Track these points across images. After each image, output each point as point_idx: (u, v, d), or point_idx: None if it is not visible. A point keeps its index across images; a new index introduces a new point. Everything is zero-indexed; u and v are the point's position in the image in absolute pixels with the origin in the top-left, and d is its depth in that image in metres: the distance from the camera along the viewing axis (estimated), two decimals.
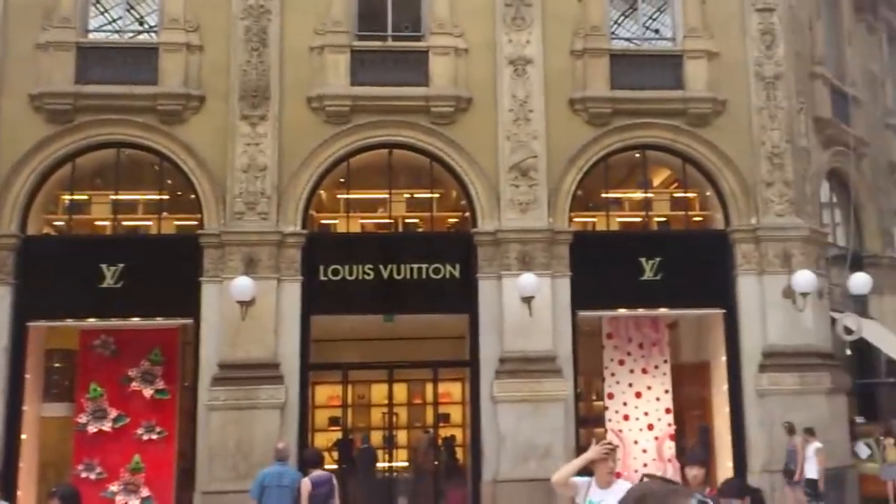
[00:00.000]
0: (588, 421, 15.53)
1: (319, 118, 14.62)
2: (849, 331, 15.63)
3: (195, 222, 14.44)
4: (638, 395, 15.21)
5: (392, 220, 15.82)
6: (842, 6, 18.98)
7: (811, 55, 17.24)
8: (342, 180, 15.33)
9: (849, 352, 16.02)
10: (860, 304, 17.78)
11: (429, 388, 15.69)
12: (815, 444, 13.59)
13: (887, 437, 15.88)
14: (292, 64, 14.67)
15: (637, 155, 16.07)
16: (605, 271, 14.73)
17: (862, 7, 19.94)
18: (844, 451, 15.29)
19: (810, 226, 15.54)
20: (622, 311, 15.25)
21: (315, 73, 14.73)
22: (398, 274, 14.47)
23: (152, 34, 15.30)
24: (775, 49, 15.83)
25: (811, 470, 13.53)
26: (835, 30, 18.89)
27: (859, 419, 16.89)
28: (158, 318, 14.16)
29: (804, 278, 14.53)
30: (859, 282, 16.43)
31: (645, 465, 14.69)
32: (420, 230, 15.96)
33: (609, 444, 5.95)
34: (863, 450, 16.05)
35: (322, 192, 15.34)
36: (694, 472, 6.07)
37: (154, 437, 13.86)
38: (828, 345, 15.51)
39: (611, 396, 15.25)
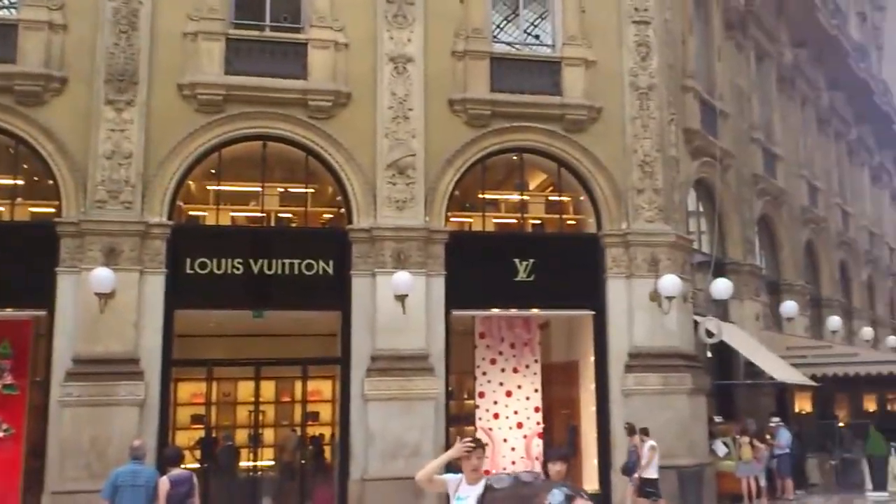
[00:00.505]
0: (459, 419, 15.64)
1: (191, 106, 14.19)
2: (710, 334, 16.32)
3: (52, 210, 13.78)
4: (508, 393, 15.44)
5: (264, 214, 15.50)
6: (713, 23, 19.81)
7: (683, 69, 17.92)
8: (213, 171, 14.94)
9: (709, 354, 16.72)
10: (721, 309, 18.63)
11: (298, 385, 15.46)
12: (649, 443, 13.69)
13: (743, 436, 16.65)
14: (163, 49, 14.18)
15: (514, 158, 16.32)
16: (479, 271, 14.88)
17: (732, 25, 20.89)
18: (703, 450, 15.91)
19: (677, 232, 16.11)
20: (495, 310, 15.45)
21: (188, 59, 14.29)
22: (269, 269, 14.20)
23: (12, 10, 14.56)
24: (650, 61, 16.35)
25: (651, 469, 13.58)
26: (706, 45, 19.72)
27: (718, 418, 17.63)
28: (8, 310, 13.44)
29: (670, 282, 15.06)
30: (721, 287, 17.23)
31: (513, 462, 14.91)
32: (293, 225, 15.73)
33: (470, 441, 6.00)
34: (720, 448, 16.75)
35: (191, 182, 14.91)
36: (557, 468, 6.17)
37: (0, 434, 13.14)
38: (690, 347, 16.13)
39: (482, 395, 15.42)
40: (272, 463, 16.18)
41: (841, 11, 29.30)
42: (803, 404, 22.57)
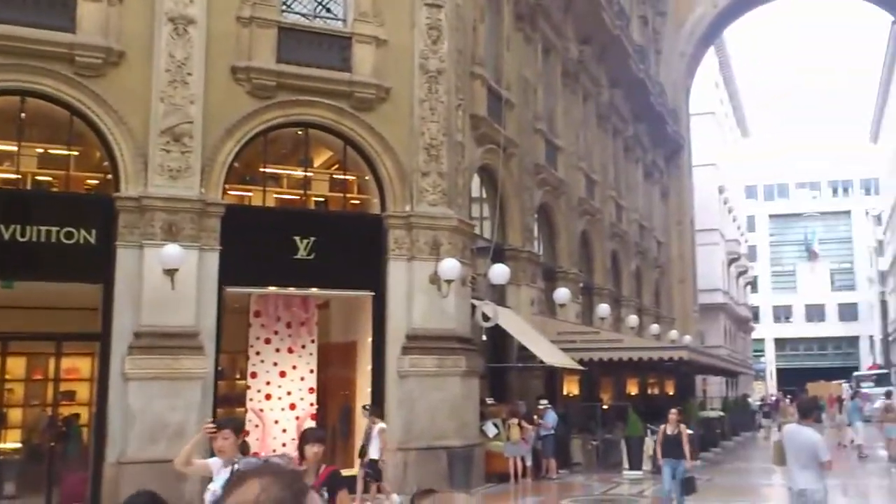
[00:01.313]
0: (229, 400, 15.38)
1: None
2: (486, 317, 17.00)
3: None
4: (282, 374, 15.34)
5: (20, 176, 14.40)
6: (504, 14, 20.53)
7: (473, 55, 18.46)
8: None
9: (485, 337, 17.42)
10: (499, 294, 19.43)
11: (52, 362, 14.54)
12: (380, 425, 13.61)
13: (512, 418, 17.48)
14: None
15: (300, 132, 16.18)
16: (257, 248, 14.65)
17: (522, 17, 21.73)
18: (474, 431, 16.57)
19: (460, 217, 16.61)
20: (272, 289, 15.28)
21: None
22: (23, 236, 13.23)
23: None
24: (440, 44, 16.70)
25: (374, 450, 13.45)
26: (496, 35, 20.40)
27: (490, 400, 18.44)
28: None
29: (450, 266, 15.51)
30: (499, 272, 17.95)
31: (284, 444, 14.84)
32: (53, 189, 14.74)
33: (210, 424, 6.10)
34: (490, 429, 17.52)
35: None
36: (315, 450, 6.21)
37: None
38: (467, 330, 16.71)
39: (254, 375, 15.22)
40: (19, 446, 15.16)
41: (625, 13, 31.22)
42: (571, 387, 24.02)
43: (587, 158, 26.94)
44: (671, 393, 34.48)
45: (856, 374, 65.54)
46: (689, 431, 22.27)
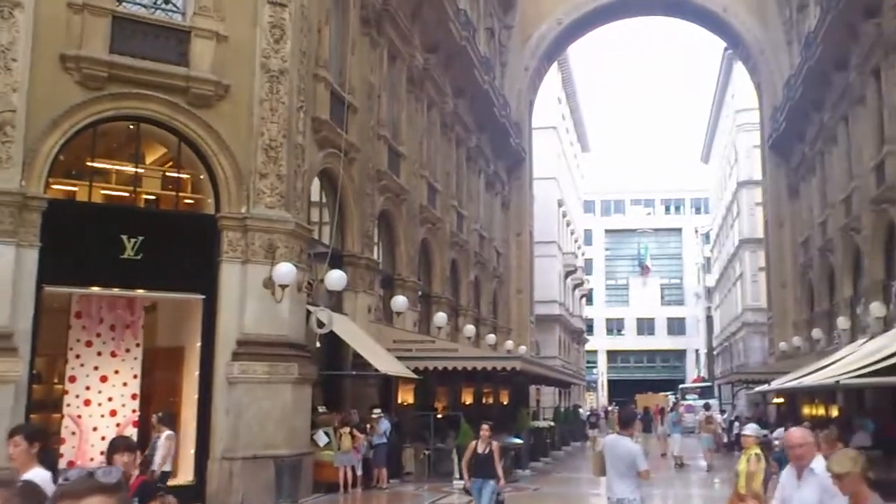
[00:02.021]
0: (45, 406, 14.85)
1: None
2: (321, 324, 17.17)
3: None
4: (104, 379, 14.98)
5: None
6: (350, 17, 20.78)
7: (317, 57, 18.62)
8: None
9: (319, 344, 17.60)
10: (336, 300, 19.65)
11: None
12: (166, 433, 12.61)
13: (344, 427, 17.74)
14: None
15: (131, 127, 15.87)
16: (81, 245, 14.30)
17: (368, 22, 22.07)
18: (304, 439, 16.70)
19: (297, 221, 16.71)
20: (96, 289, 14.91)
21: None
22: None
23: None
24: (283, 44, 16.77)
25: (158, 460, 12.27)
26: (341, 38, 20.64)
27: (322, 408, 18.61)
28: None
29: (285, 270, 15.60)
30: (335, 278, 18.17)
31: (102, 453, 14.48)
32: None
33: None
34: (322, 438, 17.69)
35: None
36: (124, 459, 6.21)
37: None
38: (301, 336, 16.83)
39: (73, 380, 14.79)
40: None
41: (471, 24, 32.14)
42: (406, 396, 24.50)
43: (430, 166, 27.57)
44: (505, 402, 35.66)
45: (681, 386, 69.61)
46: (519, 441, 23.52)
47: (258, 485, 14.94)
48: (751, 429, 10.53)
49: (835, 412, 29.73)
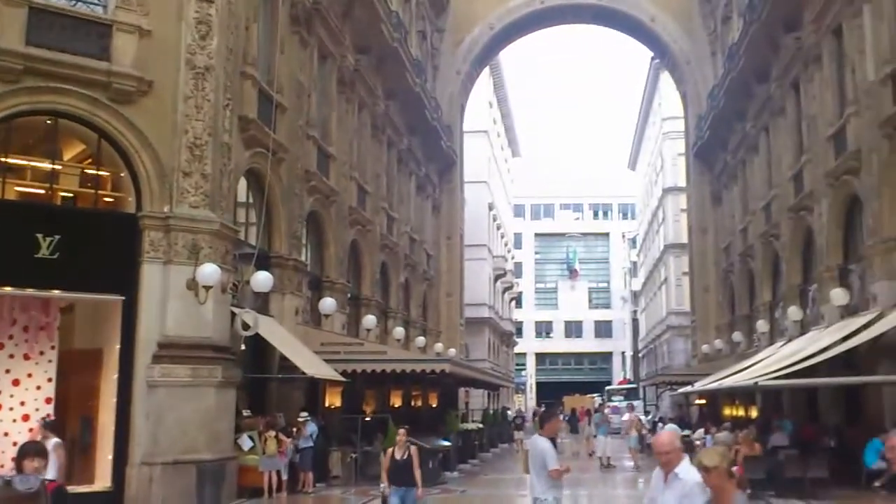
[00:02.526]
0: None
1: None
2: (246, 326, 16.75)
3: None
4: (16, 382, 14.35)
5: None
6: (279, 15, 20.32)
7: (244, 55, 18.19)
8: None
9: (244, 347, 17.17)
10: (262, 302, 19.22)
11: None
12: (54, 440, 11.63)
13: (268, 430, 17.33)
14: None
15: (49, 122, 15.26)
16: None
17: (298, 20, 21.67)
18: (228, 444, 16.25)
19: (223, 221, 16.26)
20: (8, 289, 14.25)
21: None
22: None
23: None
24: (210, 40, 16.34)
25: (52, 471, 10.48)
26: (270, 36, 20.21)
27: (246, 412, 18.16)
28: None
29: (209, 271, 15.19)
30: (262, 280, 17.78)
31: (13, 459, 13.85)
32: None
33: None
34: (246, 442, 17.26)
35: None
36: (34, 465, 5.98)
37: None
38: (225, 338, 16.38)
39: None
40: None
41: (403, 26, 31.92)
42: (334, 399, 24.13)
43: (360, 168, 27.25)
44: (435, 405, 35.53)
45: (608, 388, 70.39)
46: (447, 443, 23.38)
47: (179, 490, 14.48)
48: (669, 430, 10.50)
49: (754, 413, 30.32)
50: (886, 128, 18.07)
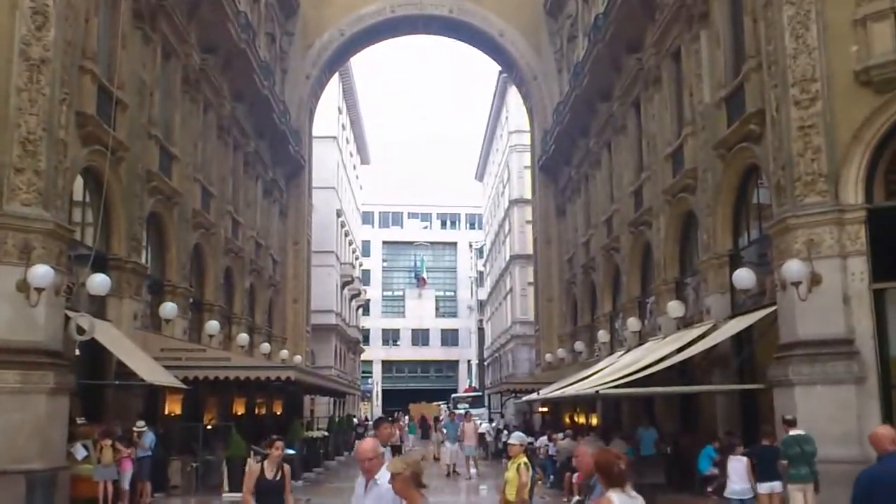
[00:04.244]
0: None
1: None
2: (81, 330, 16.18)
3: None
4: None
5: None
6: (121, 9, 19.76)
7: (83, 49, 17.63)
8: None
9: (78, 352, 16.59)
10: (99, 305, 18.62)
11: None
12: None
13: (105, 439, 16.79)
14: None
15: None
16: None
17: (141, 15, 21.13)
18: (60, 453, 15.67)
19: (57, 220, 15.71)
20: None
21: None
22: None
23: None
24: (46, 32, 15.80)
25: None
26: (111, 30, 19.61)
27: (81, 420, 17.54)
28: None
29: (41, 273, 14.67)
30: (98, 282, 17.24)
31: None
32: None
33: None
34: (80, 451, 16.67)
35: None
36: None
37: None
38: (58, 343, 15.80)
39: None
40: None
41: (251, 27, 31.54)
42: (174, 406, 23.60)
43: (205, 170, 26.75)
44: (279, 413, 35.20)
45: (454, 395, 71.56)
46: (292, 452, 23.26)
47: (7, 501, 13.85)
48: (516, 437, 10.93)
49: (594, 420, 31.61)
50: (720, 149, 19.09)
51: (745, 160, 18.33)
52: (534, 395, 29.03)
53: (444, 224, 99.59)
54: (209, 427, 23.90)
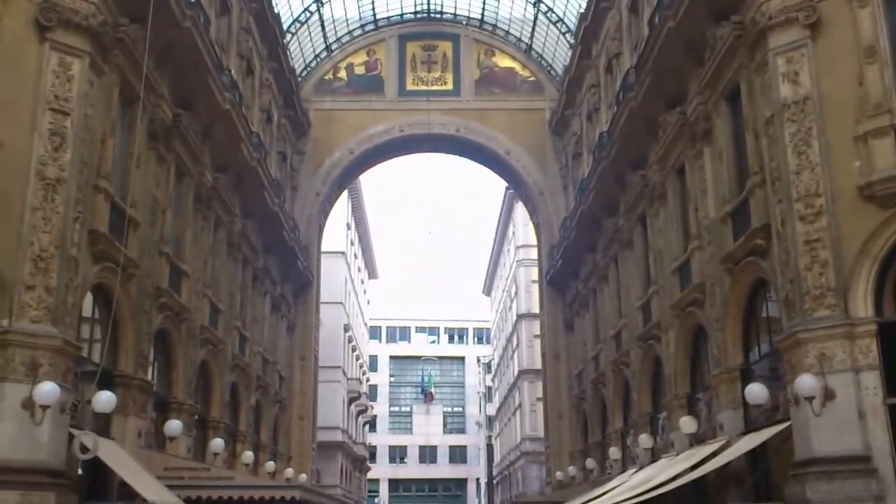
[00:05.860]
0: None
1: None
2: (85, 449, 15.94)
3: None
4: None
5: None
6: (136, 130, 20.25)
7: (98, 168, 17.98)
8: None
9: (80, 471, 16.31)
10: (103, 423, 18.41)
11: None
12: None
13: None
14: None
15: None
16: None
17: (156, 136, 21.62)
18: None
19: (65, 337, 15.71)
20: None
21: None
22: None
23: None
24: (63, 153, 16.15)
25: None
26: (126, 150, 20.03)
27: None
28: None
29: (48, 390, 14.53)
30: (104, 400, 17.07)
31: None
32: None
33: None
34: None
35: None
36: None
37: None
38: (61, 462, 15.55)
39: None
40: None
41: (263, 147, 32.27)
42: None
43: (214, 286, 26.89)
44: None
45: None
46: None
47: None
48: None
49: None
50: (727, 263, 19.17)
51: (752, 274, 18.37)
52: None
53: (451, 338, 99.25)
54: None
